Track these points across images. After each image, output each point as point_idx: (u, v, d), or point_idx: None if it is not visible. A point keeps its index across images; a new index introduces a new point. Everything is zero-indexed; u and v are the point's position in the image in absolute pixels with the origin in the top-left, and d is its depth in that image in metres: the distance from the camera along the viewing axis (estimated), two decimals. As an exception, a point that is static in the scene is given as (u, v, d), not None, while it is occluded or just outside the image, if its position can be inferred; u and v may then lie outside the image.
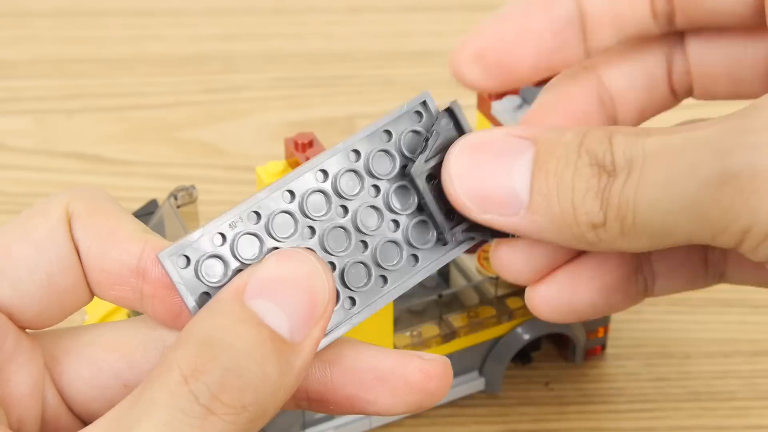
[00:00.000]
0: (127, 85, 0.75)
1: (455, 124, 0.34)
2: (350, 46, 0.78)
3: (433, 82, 0.75)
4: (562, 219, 0.32)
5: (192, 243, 0.31)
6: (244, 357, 0.28)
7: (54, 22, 0.81)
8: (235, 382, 0.28)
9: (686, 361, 0.55)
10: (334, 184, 0.33)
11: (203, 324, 0.29)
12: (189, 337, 0.29)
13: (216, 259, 0.32)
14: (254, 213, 0.32)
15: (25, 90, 0.74)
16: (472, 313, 0.51)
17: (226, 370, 0.28)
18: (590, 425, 0.53)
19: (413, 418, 0.52)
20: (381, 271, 0.33)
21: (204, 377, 0.28)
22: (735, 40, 0.36)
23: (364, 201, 0.33)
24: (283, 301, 0.30)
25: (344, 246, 0.33)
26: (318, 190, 0.33)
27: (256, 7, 0.83)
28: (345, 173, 0.33)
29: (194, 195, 0.53)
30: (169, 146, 0.69)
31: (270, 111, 0.73)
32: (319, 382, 0.33)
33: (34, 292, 0.32)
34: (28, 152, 0.69)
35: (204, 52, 0.78)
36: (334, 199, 0.33)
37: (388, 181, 0.34)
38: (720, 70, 0.36)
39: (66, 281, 0.32)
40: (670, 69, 0.37)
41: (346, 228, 0.33)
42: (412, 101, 0.35)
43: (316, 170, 0.33)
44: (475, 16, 0.81)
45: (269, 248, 0.32)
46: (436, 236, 0.34)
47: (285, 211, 0.32)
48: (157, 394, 0.28)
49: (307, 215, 0.33)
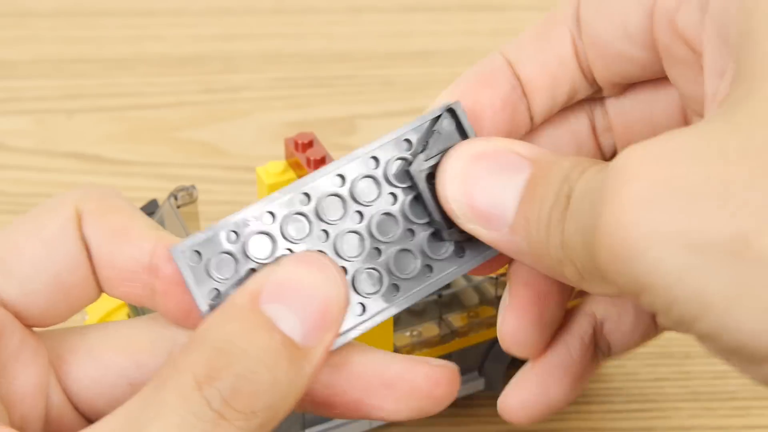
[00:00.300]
0: (127, 85, 0.75)
1: (457, 124, 0.34)
2: (350, 46, 0.78)
3: (433, 82, 0.75)
4: (538, 247, 0.31)
5: (205, 239, 0.31)
6: (256, 363, 0.29)
7: (54, 22, 0.81)
8: (247, 389, 0.28)
9: (686, 361, 0.55)
10: (351, 190, 0.33)
11: (218, 328, 0.30)
12: (203, 341, 0.29)
13: (228, 257, 0.32)
14: (269, 213, 0.32)
15: (25, 90, 0.74)
16: (472, 313, 0.51)
17: (238, 376, 0.28)
18: (589, 425, 0.53)
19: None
20: (393, 279, 0.33)
21: (217, 383, 0.28)
22: (646, 90, 0.36)
23: (381, 208, 0.33)
24: (297, 306, 0.30)
25: (357, 252, 0.33)
26: (334, 194, 0.33)
27: (256, 7, 0.83)
28: (363, 179, 0.33)
29: (194, 195, 0.53)
30: (169, 146, 0.69)
31: (270, 111, 0.73)
32: (325, 386, 0.33)
33: (41, 290, 0.32)
34: (28, 152, 0.69)
35: (204, 52, 0.78)
36: (350, 204, 0.33)
37: (405, 189, 0.34)
38: (637, 120, 0.36)
39: (73, 279, 0.32)
40: (593, 127, 0.37)
41: (360, 233, 0.33)
42: (436, 109, 0.34)
43: (333, 175, 0.33)
44: (475, 16, 0.81)
45: (282, 249, 0.32)
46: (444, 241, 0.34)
47: (299, 213, 0.32)
48: (170, 396, 0.28)
49: (321, 219, 0.33)
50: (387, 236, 0.33)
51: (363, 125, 0.71)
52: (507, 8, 0.83)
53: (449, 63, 0.77)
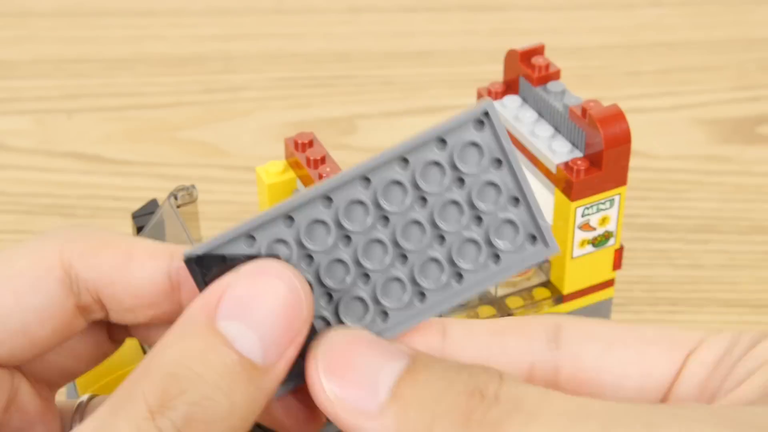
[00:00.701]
0: (127, 85, 0.75)
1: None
2: (350, 46, 0.78)
3: (433, 82, 0.75)
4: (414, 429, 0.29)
5: (220, 245, 0.30)
6: (211, 389, 0.28)
7: (54, 22, 0.81)
8: (202, 416, 0.27)
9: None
10: (375, 195, 0.31)
11: (172, 350, 0.28)
12: (157, 366, 0.28)
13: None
14: (288, 218, 0.30)
15: (25, 90, 0.74)
16: (472, 313, 0.51)
17: (192, 404, 0.27)
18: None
19: (413, 417, 0.52)
20: (418, 289, 0.31)
21: (170, 413, 0.27)
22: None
23: (407, 215, 0.31)
24: (255, 322, 0.28)
25: (381, 260, 0.31)
26: (358, 200, 0.31)
27: (256, 7, 0.83)
28: (389, 184, 0.31)
29: (194, 195, 0.53)
30: (169, 146, 0.69)
31: (270, 111, 0.73)
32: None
33: (5, 340, 0.31)
34: (28, 152, 0.69)
35: (204, 52, 0.78)
36: (373, 210, 0.31)
37: (435, 195, 0.31)
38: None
39: (41, 332, 0.32)
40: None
41: (383, 241, 0.31)
42: (470, 111, 0.31)
43: (359, 178, 0.30)
44: (475, 16, 0.81)
45: (301, 255, 0.31)
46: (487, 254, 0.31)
47: (319, 220, 0.31)
48: (122, 425, 0.27)
49: (343, 226, 0.31)
50: (414, 244, 0.31)
51: (363, 125, 0.71)
52: (507, 8, 0.83)
53: (449, 63, 0.77)
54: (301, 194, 0.30)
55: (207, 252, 0.30)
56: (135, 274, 0.32)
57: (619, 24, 0.81)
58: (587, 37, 0.80)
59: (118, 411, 0.27)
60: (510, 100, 0.52)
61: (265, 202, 0.50)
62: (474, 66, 0.76)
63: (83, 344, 0.34)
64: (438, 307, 0.32)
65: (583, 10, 0.83)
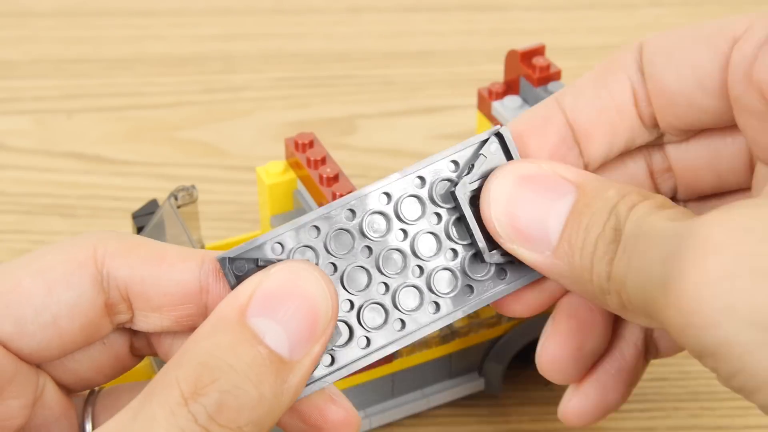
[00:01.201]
0: (127, 85, 0.75)
1: (504, 149, 0.35)
2: (350, 46, 0.78)
3: (433, 82, 0.75)
4: (580, 273, 0.32)
5: (251, 249, 0.32)
6: (241, 379, 0.29)
7: (54, 22, 0.81)
8: (233, 404, 0.29)
9: (686, 361, 0.55)
10: (396, 208, 0.34)
11: (205, 342, 0.30)
12: (190, 356, 0.30)
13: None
14: (314, 227, 0.33)
15: (25, 90, 0.74)
16: (472, 313, 0.51)
17: (224, 392, 0.29)
18: (589, 425, 0.53)
19: (413, 417, 0.52)
20: (433, 297, 0.34)
21: (202, 399, 0.29)
22: (713, 137, 0.36)
23: (424, 227, 0.34)
24: (283, 319, 0.30)
25: (399, 269, 0.34)
26: (379, 211, 0.33)
27: (256, 7, 0.83)
28: (407, 198, 0.34)
29: (194, 195, 0.53)
30: (169, 146, 0.69)
31: (270, 111, 0.73)
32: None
33: (36, 332, 0.32)
34: (28, 152, 0.69)
35: (204, 52, 0.78)
36: (394, 222, 0.34)
37: (450, 210, 0.34)
38: (701, 165, 0.37)
39: (71, 326, 0.33)
40: (651, 170, 0.37)
41: (403, 251, 0.34)
42: (484, 133, 0.35)
43: (380, 192, 0.33)
44: (475, 16, 0.81)
45: (325, 263, 0.33)
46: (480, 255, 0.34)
47: (344, 229, 0.33)
48: (158, 410, 0.29)
49: (365, 235, 0.33)
50: (429, 255, 0.34)
51: (363, 125, 0.71)
52: (507, 8, 0.83)
53: (449, 63, 0.77)
54: (328, 205, 0.33)
55: (239, 255, 0.32)
56: (166, 272, 0.33)
57: (619, 24, 0.81)
58: (587, 37, 0.80)
59: (152, 397, 0.29)
60: (510, 100, 0.52)
61: (265, 202, 0.50)
62: (474, 66, 0.76)
63: (104, 355, 0.35)
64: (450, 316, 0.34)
65: (583, 10, 0.83)
